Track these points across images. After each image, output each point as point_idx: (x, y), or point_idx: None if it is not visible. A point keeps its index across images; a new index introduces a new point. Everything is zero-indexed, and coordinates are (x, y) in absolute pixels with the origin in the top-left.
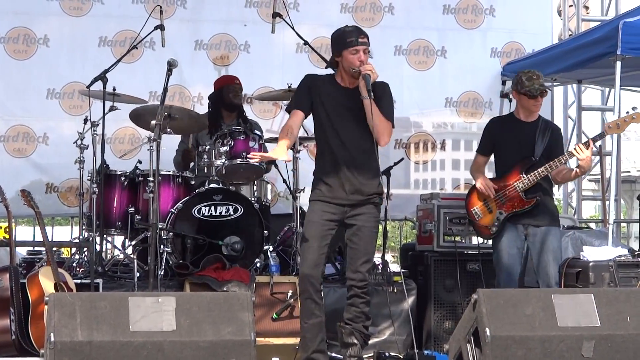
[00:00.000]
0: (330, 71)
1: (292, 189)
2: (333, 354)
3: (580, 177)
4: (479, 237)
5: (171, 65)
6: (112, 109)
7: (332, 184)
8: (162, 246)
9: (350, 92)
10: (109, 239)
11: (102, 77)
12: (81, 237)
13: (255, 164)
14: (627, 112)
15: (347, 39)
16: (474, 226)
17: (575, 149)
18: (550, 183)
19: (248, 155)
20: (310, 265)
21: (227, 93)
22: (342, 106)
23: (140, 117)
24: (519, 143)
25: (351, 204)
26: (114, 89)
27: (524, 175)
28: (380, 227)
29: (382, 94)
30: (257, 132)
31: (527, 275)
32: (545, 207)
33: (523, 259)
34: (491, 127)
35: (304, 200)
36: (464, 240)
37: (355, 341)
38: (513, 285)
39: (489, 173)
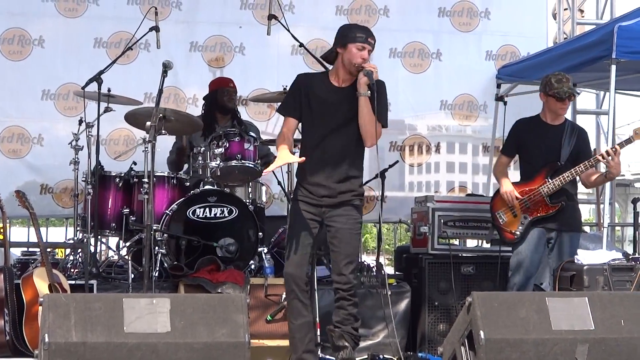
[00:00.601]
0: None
1: (286, 191)
2: (327, 356)
3: None
4: (501, 242)
5: (166, 67)
6: (107, 110)
7: (310, 185)
8: (156, 247)
9: (343, 92)
10: (104, 240)
11: (97, 78)
12: (75, 238)
13: (250, 165)
14: None
15: (356, 34)
16: (498, 230)
17: (602, 155)
18: (575, 187)
19: (264, 172)
20: (293, 265)
21: (220, 96)
22: (332, 107)
23: (135, 118)
24: (545, 146)
25: (327, 205)
26: (109, 90)
27: (549, 180)
28: (375, 230)
29: (380, 95)
30: (252, 133)
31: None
32: (569, 212)
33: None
34: (517, 128)
35: None
36: (458, 243)
37: (346, 344)
38: (529, 289)
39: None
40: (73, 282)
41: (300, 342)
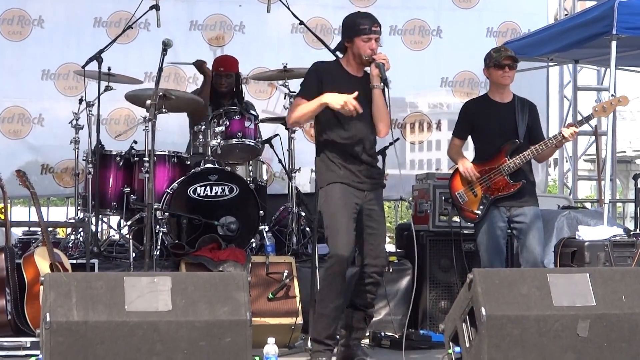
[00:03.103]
0: (331, 55)
1: (287, 169)
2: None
3: (576, 157)
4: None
5: (166, 45)
6: (107, 89)
7: (350, 169)
8: (157, 226)
9: (357, 80)
10: (105, 219)
11: (97, 57)
12: (77, 217)
13: (251, 143)
14: (612, 96)
15: (360, 26)
16: (459, 210)
17: (571, 134)
18: (530, 164)
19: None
20: (345, 247)
21: (214, 80)
22: (351, 93)
23: (136, 96)
24: (499, 125)
25: (369, 189)
26: (109, 69)
27: (509, 158)
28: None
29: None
30: (252, 112)
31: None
32: (527, 189)
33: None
34: (468, 109)
35: (299, 180)
36: (459, 220)
37: (363, 325)
38: (499, 266)
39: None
40: (74, 261)
41: (329, 326)
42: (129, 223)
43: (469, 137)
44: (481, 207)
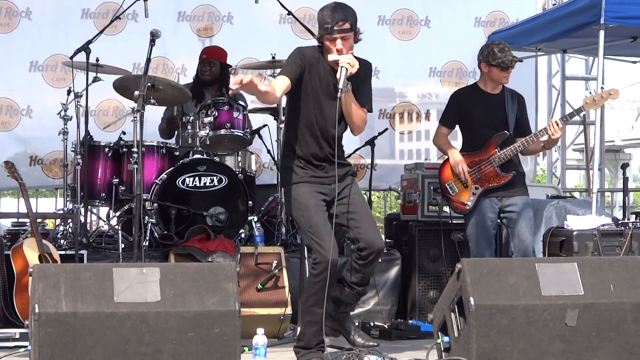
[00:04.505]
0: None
1: (276, 159)
2: None
3: (565, 146)
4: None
5: (154, 36)
6: (95, 79)
7: (316, 164)
8: (146, 217)
9: (334, 72)
10: (94, 210)
11: (85, 48)
12: (65, 208)
13: (239, 134)
14: (602, 88)
15: (324, 25)
16: (448, 201)
17: (551, 126)
18: (518, 156)
19: (231, 85)
20: (331, 251)
21: (198, 68)
22: (327, 86)
23: (124, 87)
24: (490, 116)
25: (334, 181)
26: (97, 60)
27: (499, 150)
28: (365, 197)
29: (365, 78)
30: (241, 102)
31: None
32: (518, 180)
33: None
34: (458, 98)
35: None
36: (448, 210)
37: (354, 302)
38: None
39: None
40: (63, 252)
41: (319, 332)
42: (117, 214)
43: (457, 127)
44: (471, 198)
